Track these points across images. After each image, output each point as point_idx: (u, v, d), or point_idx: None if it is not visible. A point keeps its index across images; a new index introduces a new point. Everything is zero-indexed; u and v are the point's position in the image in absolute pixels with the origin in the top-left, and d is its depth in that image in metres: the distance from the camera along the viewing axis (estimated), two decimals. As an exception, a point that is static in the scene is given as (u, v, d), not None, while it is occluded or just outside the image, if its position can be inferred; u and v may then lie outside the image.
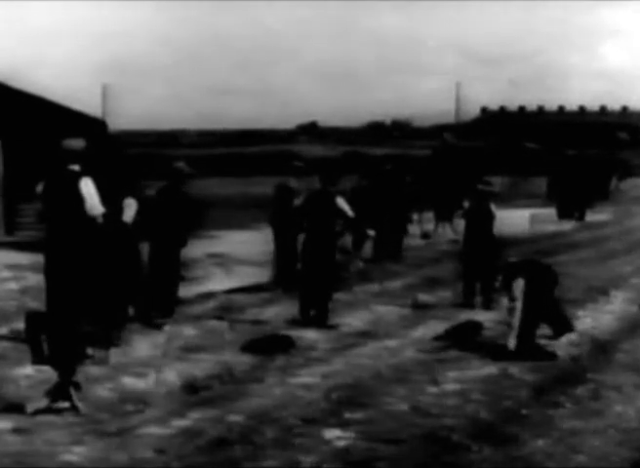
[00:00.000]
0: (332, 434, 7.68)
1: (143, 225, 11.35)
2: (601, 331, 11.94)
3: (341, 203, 12.55)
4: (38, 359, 8.34)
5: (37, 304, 12.09)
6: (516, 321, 10.45)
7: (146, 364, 9.91)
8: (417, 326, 12.31)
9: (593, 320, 12.55)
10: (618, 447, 7.45)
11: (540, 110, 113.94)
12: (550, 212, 28.12)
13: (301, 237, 12.67)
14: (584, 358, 10.48)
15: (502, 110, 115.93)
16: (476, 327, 11.67)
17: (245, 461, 7.05)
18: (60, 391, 8.16)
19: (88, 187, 10.07)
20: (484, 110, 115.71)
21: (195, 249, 17.20)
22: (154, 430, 7.75)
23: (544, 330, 10.96)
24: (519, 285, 10.58)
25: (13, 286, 14.83)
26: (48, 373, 8.41)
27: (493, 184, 14.45)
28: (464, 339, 11.16)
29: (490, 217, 13.75)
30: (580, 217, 29.03)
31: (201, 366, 9.90)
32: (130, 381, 9.18)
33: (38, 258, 11.12)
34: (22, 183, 19.44)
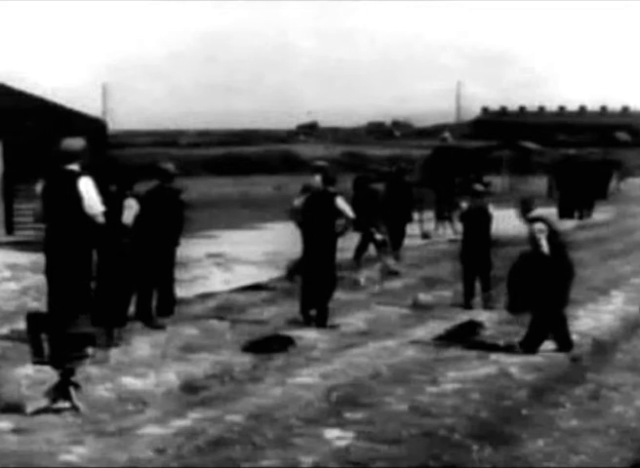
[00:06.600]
0: (332, 434, 7.68)
1: (138, 225, 11.32)
2: (601, 331, 11.93)
3: (341, 203, 12.54)
4: (39, 359, 8.34)
5: (37, 304, 12.10)
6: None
7: (146, 364, 9.91)
8: (417, 326, 12.31)
9: (593, 320, 12.54)
10: (617, 447, 7.45)
11: (541, 110, 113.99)
12: (550, 211, 28.06)
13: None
14: (584, 358, 10.47)
15: (503, 110, 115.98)
16: (476, 327, 11.68)
17: (244, 461, 7.05)
18: (59, 391, 8.16)
19: (87, 187, 10.07)
20: (485, 110, 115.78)
21: (195, 249, 17.23)
22: (154, 430, 7.76)
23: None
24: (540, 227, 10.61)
25: (13, 286, 14.81)
26: (48, 373, 8.41)
27: (491, 184, 14.45)
28: (464, 339, 11.16)
29: (488, 218, 13.75)
30: (581, 217, 29.04)
31: (201, 366, 9.90)
32: (130, 381, 9.18)
33: (38, 258, 11.13)
34: (22, 183, 19.50)
